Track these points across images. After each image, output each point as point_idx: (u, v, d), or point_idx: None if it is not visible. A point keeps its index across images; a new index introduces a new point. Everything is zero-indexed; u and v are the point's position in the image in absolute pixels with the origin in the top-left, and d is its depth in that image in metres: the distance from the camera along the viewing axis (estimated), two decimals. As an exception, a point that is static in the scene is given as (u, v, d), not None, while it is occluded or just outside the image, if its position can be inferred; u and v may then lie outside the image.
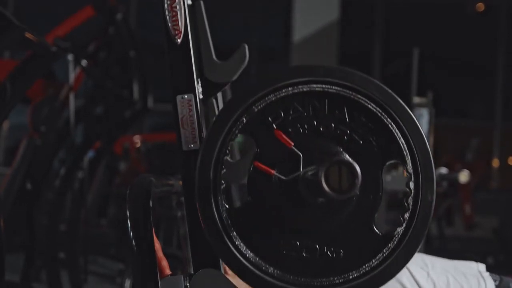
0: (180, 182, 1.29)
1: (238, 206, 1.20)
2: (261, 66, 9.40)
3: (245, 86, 1.18)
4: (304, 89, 1.17)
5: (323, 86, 1.17)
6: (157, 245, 1.25)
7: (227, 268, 1.84)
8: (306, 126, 1.18)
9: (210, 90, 1.31)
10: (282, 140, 1.16)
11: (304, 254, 1.17)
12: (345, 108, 1.18)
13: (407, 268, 1.77)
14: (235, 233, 1.17)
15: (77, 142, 3.84)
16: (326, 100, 1.18)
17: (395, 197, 3.54)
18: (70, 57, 3.52)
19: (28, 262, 3.55)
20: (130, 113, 3.68)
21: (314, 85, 1.17)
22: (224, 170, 1.17)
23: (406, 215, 1.18)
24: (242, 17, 9.92)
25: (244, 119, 1.17)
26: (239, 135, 1.18)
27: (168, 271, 1.28)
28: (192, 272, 1.25)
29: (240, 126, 1.17)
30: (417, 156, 1.16)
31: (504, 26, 9.50)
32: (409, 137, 1.16)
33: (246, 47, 1.29)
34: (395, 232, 1.17)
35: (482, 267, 1.91)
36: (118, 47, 3.67)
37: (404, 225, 1.17)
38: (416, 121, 1.17)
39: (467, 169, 4.71)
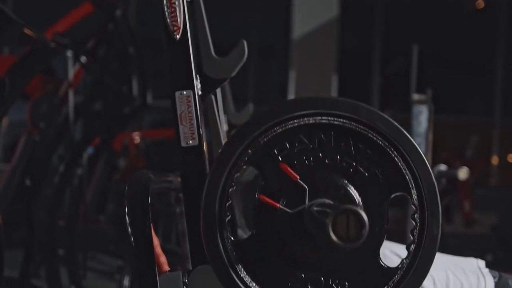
0: (179, 179, 1.29)
1: (244, 239, 1.20)
2: (261, 63, 9.40)
3: (251, 117, 1.18)
4: (310, 122, 1.18)
5: (329, 118, 1.17)
6: (156, 241, 1.25)
7: None
8: (311, 158, 1.18)
9: (209, 86, 1.31)
10: (288, 173, 1.16)
11: (309, 287, 1.17)
12: (350, 141, 1.18)
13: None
14: (240, 266, 1.17)
15: (76, 139, 3.84)
16: (332, 133, 1.18)
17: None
18: (69, 53, 3.52)
19: (27, 258, 3.54)
20: (129, 110, 3.67)
21: (320, 118, 1.18)
22: (230, 202, 1.17)
23: (412, 248, 1.18)
24: (241, 14, 9.91)
25: (250, 151, 1.17)
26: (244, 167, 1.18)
27: (166, 267, 1.28)
28: (191, 268, 1.25)
29: (246, 158, 1.17)
30: (422, 189, 1.16)
31: (503, 23, 9.49)
32: (414, 170, 1.17)
33: (245, 43, 1.29)
34: (401, 265, 1.18)
35: (481, 263, 1.91)
36: (117, 43, 3.67)
37: (410, 257, 1.18)
38: (422, 154, 1.18)
39: (466, 166, 4.70)
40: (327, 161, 1.18)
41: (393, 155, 1.17)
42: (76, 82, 3.73)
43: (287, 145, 1.18)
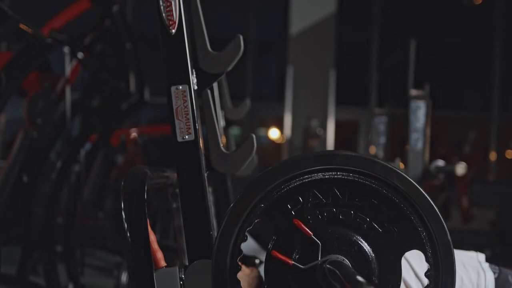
0: (175, 174, 1.28)
1: None
2: (259, 58, 9.39)
3: (265, 171, 1.16)
4: (325, 177, 1.16)
5: (344, 174, 1.16)
6: (152, 236, 1.25)
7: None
8: (325, 213, 1.17)
9: (205, 80, 1.30)
10: (301, 229, 1.15)
11: None
12: (365, 196, 1.17)
13: (407, 260, 1.77)
14: None
15: (73, 135, 3.83)
16: (346, 188, 1.17)
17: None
18: (66, 49, 3.50)
19: (24, 254, 3.54)
20: (126, 106, 3.66)
21: (335, 173, 1.16)
22: (241, 256, 1.16)
23: None
24: (239, 9, 9.89)
25: (262, 205, 1.16)
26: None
27: (163, 263, 1.28)
28: (187, 264, 1.25)
29: (258, 212, 1.16)
30: (437, 247, 1.15)
31: (501, 18, 9.48)
32: (430, 227, 1.15)
33: (241, 37, 1.28)
34: None
35: (481, 257, 1.90)
36: (114, 39, 3.66)
37: None
38: (438, 212, 1.16)
39: (464, 161, 4.70)
40: (341, 216, 1.16)
41: (408, 212, 1.15)
42: (73, 78, 3.72)
43: (301, 200, 1.16)
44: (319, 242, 1.14)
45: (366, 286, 0.98)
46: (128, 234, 1.19)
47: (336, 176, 1.16)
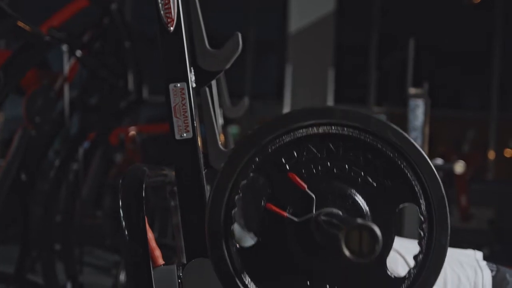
0: (174, 172, 1.28)
1: (249, 247, 1.19)
2: (258, 56, 9.39)
3: (260, 125, 1.17)
4: (320, 131, 1.16)
5: (339, 128, 1.17)
6: (150, 234, 1.24)
7: None
8: (319, 167, 1.16)
9: (203, 78, 1.30)
10: (295, 183, 1.15)
11: None
12: (360, 151, 1.17)
13: (403, 257, 1.77)
14: (245, 273, 1.16)
15: (72, 133, 3.82)
16: (341, 143, 1.17)
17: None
18: (64, 47, 3.50)
19: (23, 253, 3.53)
20: (125, 104, 3.66)
21: (329, 128, 1.17)
22: (235, 210, 1.16)
23: (419, 258, 1.17)
24: (238, 8, 9.89)
25: (257, 159, 1.16)
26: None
27: (161, 261, 1.28)
28: (185, 262, 1.24)
29: (253, 166, 1.16)
30: (431, 199, 1.16)
31: (500, 17, 9.49)
32: (424, 180, 1.16)
33: (240, 35, 1.28)
34: (408, 275, 1.17)
35: (479, 255, 1.90)
36: (113, 37, 3.65)
37: (417, 268, 1.17)
38: (431, 165, 1.16)
39: (463, 160, 4.70)
40: (335, 171, 1.16)
41: (402, 166, 1.16)
42: (71, 76, 3.71)
43: (295, 154, 1.16)
44: (313, 196, 1.14)
45: (365, 223, 0.98)
46: (126, 232, 1.19)
47: (330, 131, 1.16)
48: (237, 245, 1.16)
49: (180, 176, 1.25)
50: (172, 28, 1.25)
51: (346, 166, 1.17)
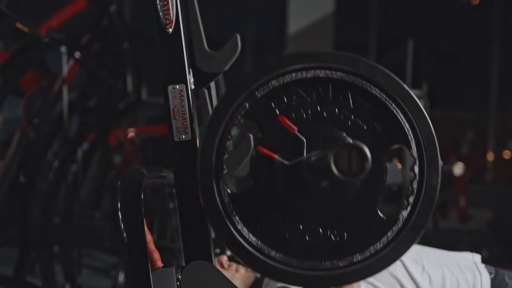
0: (172, 174, 1.28)
1: (241, 191, 1.19)
2: (257, 57, 9.38)
3: (248, 71, 1.17)
4: (308, 75, 1.17)
5: (327, 72, 1.17)
6: (149, 237, 1.24)
7: (223, 261, 1.83)
8: (309, 111, 1.17)
9: (202, 80, 1.30)
10: (285, 126, 1.15)
11: (307, 238, 1.17)
12: (349, 94, 1.17)
13: (402, 263, 1.77)
14: (237, 218, 1.17)
15: (70, 134, 3.82)
16: (330, 86, 1.17)
17: (389, 190, 3.52)
18: (63, 48, 3.50)
19: (21, 255, 3.53)
20: (124, 105, 3.66)
21: (318, 71, 1.17)
22: (226, 156, 1.16)
23: (411, 199, 1.17)
24: (237, 8, 9.89)
25: (247, 104, 1.17)
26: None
27: (160, 263, 1.27)
28: (184, 264, 1.24)
29: (242, 112, 1.17)
30: (422, 140, 1.16)
31: (499, 17, 9.49)
32: (414, 121, 1.17)
33: (238, 37, 1.28)
34: (400, 216, 1.17)
35: (477, 258, 1.90)
36: (112, 38, 3.65)
37: (409, 208, 1.17)
38: (421, 106, 1.17)
39: (462, 161, 4.70)
40: (325, 114, 1.17)
41: (391, 107, 1.17)
42: (70, 77, 3.71)
43: (285, 99, 1.17)
44: (303, 139, 1.14)
45: (353, 143, 0.99)
46: (125, 234, 1.19)
47: (320, 75, 1.17)
48: (228, 190, 1.16)
49: (179, 177, 1.25)
50: (171, 30, 1.25)
51: (336, 109, 1.17)
